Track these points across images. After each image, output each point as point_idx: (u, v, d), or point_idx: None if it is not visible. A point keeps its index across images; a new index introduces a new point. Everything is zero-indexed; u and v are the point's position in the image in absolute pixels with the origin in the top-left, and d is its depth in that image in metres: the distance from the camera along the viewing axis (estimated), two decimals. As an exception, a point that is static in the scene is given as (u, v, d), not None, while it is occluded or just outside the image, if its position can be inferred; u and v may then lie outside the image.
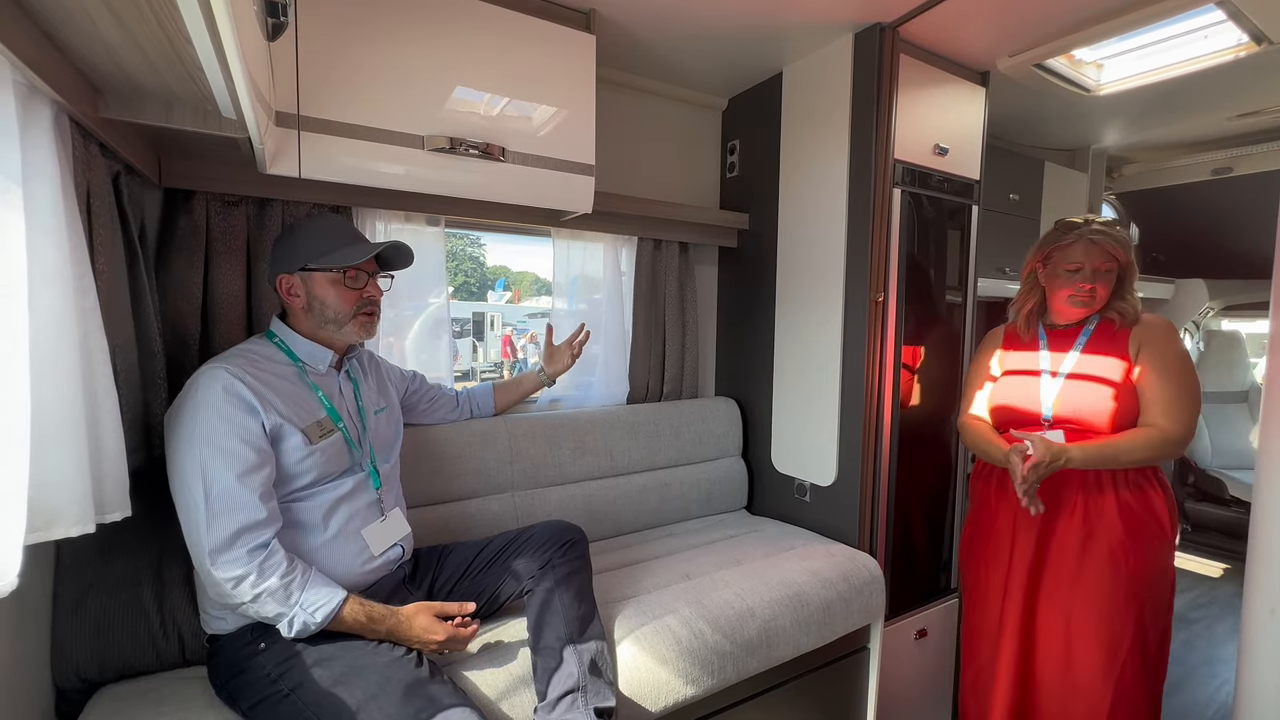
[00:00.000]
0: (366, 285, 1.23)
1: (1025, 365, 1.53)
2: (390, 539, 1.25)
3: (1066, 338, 1.49)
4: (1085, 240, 1.42)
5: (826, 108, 1.80)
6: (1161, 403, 1.35)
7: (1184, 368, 1.37)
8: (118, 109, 0.99)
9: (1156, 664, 1.41)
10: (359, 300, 1.21)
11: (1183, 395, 1.35)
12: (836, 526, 1.83)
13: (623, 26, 1.68)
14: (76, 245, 0.84)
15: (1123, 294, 1.44)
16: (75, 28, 0.75)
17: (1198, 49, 1.81)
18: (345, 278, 1.19)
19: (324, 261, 1.17)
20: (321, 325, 1.21)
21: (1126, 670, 1.37)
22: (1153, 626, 1.39)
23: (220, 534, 0.99)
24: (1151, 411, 1.36)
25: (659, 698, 1.29)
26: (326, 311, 1.19)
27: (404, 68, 1.35)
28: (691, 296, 2.17)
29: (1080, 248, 1.42)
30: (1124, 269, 1.43)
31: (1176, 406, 1.35)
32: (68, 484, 0.79)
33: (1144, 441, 1.34)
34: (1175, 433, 1.34)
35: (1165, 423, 1.34)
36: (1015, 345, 1.58)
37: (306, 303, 1.19)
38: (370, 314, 1.24)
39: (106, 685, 1.15)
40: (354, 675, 1.01)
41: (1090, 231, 1.42)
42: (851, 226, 1.75)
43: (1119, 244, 1.41)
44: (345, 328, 1.21)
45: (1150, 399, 1.37)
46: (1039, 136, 2.61)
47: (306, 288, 1.19)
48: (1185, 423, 1.34)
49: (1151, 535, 1.37)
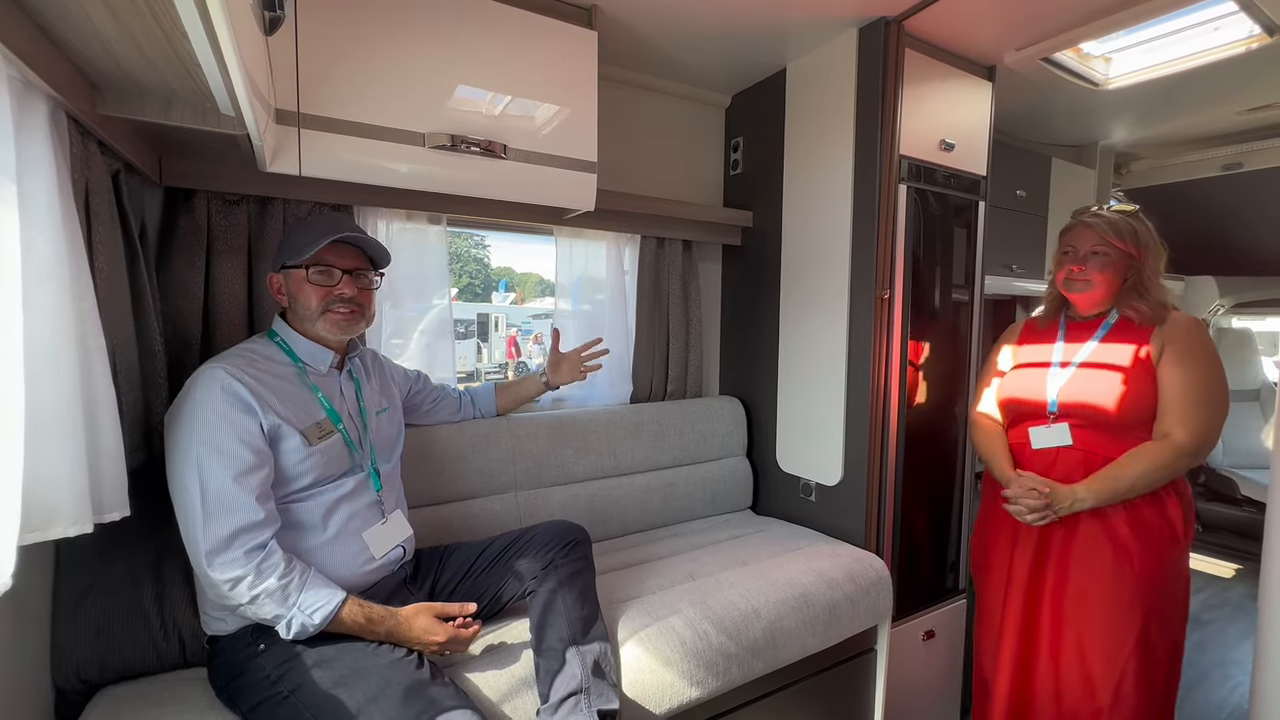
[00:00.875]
0: (340, 282, 1.18)
1: (1038, 357, 1.50)
2: (391, 541, 1.24)
3: (1085, 330, 1.44)
4: (1081, 224, 1.41)
5: (831, 103, 1.78)
6: (1178, 410, 1.28)
7: (1208, 370, 1.29)
8: (116, 106, 0.98)
9: (1167, 677, 1.35)
10: (327, 295, 1.17)
11: (1204, 401, 1.27)
12: (842, 526, 1.81)
13: (625, 23, 1.67)
14: (74, 243, 0.83)
15: (1140, 289, 1.37)
16: (70, 21, 0.74)
17: (1208, 41, 1.78)
18: (309, 274, 1.16)
19: (296, 259, 1.15)
20: (303, 323, 1.20)
21: (1126, 679, 1.31)
22: (1161, 637, 1.32)
23: (217, 535, 0.98)
24: (1167, 419, 1.29)
25: (663, 700, 1.27)
26: (298, 307, 1.18)
27: (404, 65, 1.34)
28: (695, 295, 2.15)
29: (1075, 230, 1.42)
30: (1135, 261, 1.37)
31: (1194, 414, 1.27)
32: (65, 483, 0.78)
33: (1152, 462, 1.27)
34: (1188, 443, 1.26)
35: (1179, 432, 1.27)
36: (1032, 338, 1.54)
37: (290, 301, 1.19)
38: (345, 312, 1.19)
39: (106, 686, 1.14)
40: (354, 677, 1.00)
41: (1087, 215, 1.40)
42: (857, 223, 1.73)
43: (1115, 230, 1.36)
44: (317, 324, 1.18)
45: (1167, 404, 1.29)
46: (1046, 132, 2.59)
47: (288, 285, 1.18)
48: (1201, 432, 1.26)
49: (1161, 539, 1.31)
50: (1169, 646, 1.34)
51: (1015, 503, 1.38)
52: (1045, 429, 1.42)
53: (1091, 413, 1.36)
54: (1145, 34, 1.85)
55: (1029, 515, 1.36)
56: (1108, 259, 1.37)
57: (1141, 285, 1.38)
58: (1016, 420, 1.48)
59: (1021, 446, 1.47)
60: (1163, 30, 1.82)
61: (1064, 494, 1.32)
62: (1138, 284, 1.38)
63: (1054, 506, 1.33)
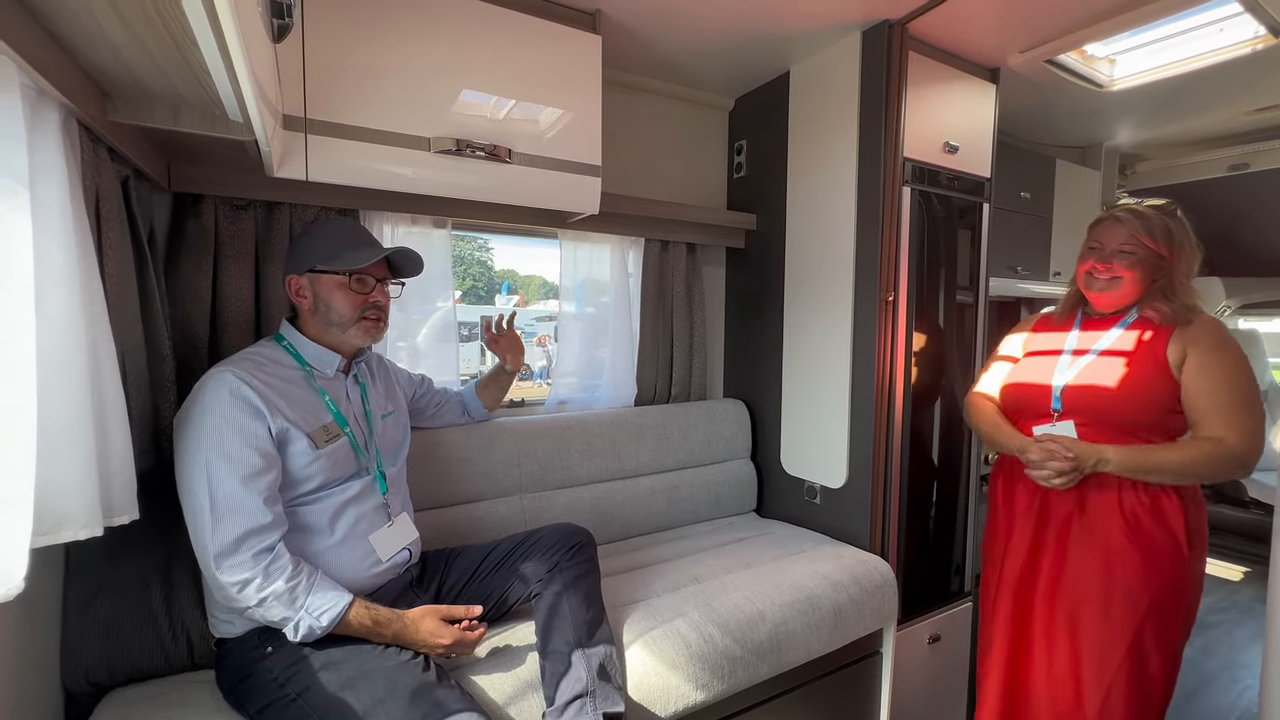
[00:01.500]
0: (373, 290, 1.22)
1: (1048, 345, 1.43)
2: (398, 544, 1.24)
3: (1100, 326, 1.36)
4: (1112, 218, 1.31)
5: (835, 106, 1.79)
6: (1220, 412, 1.18)
7: (1239, 373, 1.20)
8: (126, 112, 0.99)
9: (1163, 688, 1.27)
10: (363, 304, 1.21)
11: (1247, 406, 1.18)
12: (847, 529, 1.81)
13: (628, 27, 1.68)
14: (84, 248, 0.84)
15: (1166, 292, 1.28)
16: (81, 29, 0.75)
17: (1213, 42, 1.78)
18: (351, 281, 1.19)
19: (332, 264, 1.17)
20: (327, 328, 1.21)
21: (1115, 689, 1.24)
22: (1156, 651, 1.24)
23: (225, 538, 0.99)
24: (1210, 423, 1.19)
25: (668, 703, 1.27)
26: (331, 314, 1.19)
27: (410, 70, 1.35)
28: (699, 298, 2.16)
29: (1106, 225, 1.32)
30: (1165, 263, 1.28)
31: (1240, 416, 1.17)
32: (75, 487, 0.79)
33: (1203, 455, 1.17)
34: (1241, 446, 1.16)
35: (1229, 435, 1.16)
36: (1045, 330, 1.48)
37: (314, 304, 1.19)
38: (375, 319, 1.23)
39: (115, 689, 1.15)
40: (361, 679, 1.01)
41: (1120, 209, 1.30)
42: (861, 226, 1.73)
43: (1148, 228, 1.26)
44: (349, 331, 1.21)
45: (1206, 410, 1.19)
46: (1050, 134, 2.58)
47: (314, 289, 1.19)
48: (1252, 436, 1.16)
49: (1159, 548, 1.22)
50: (1167, 659, 1.26)
51: (1040, 467, 1.28)
52: (1049, 427, 1.34)
53: (1099, 410, 1.29)
54: (1150, 35, 1.85)
55: (1056, 480, 1.26)
56: (1135, 258, 1.28)
57: (1170, 288, 1.28)
58: (1019, 416, 1.42)
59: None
60: (1167, 31, 1.82)
61: (1089, 452, 1.23)
62: (1166, 286, 1.29)
63: (1079, 463, 1.24)
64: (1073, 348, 1.38)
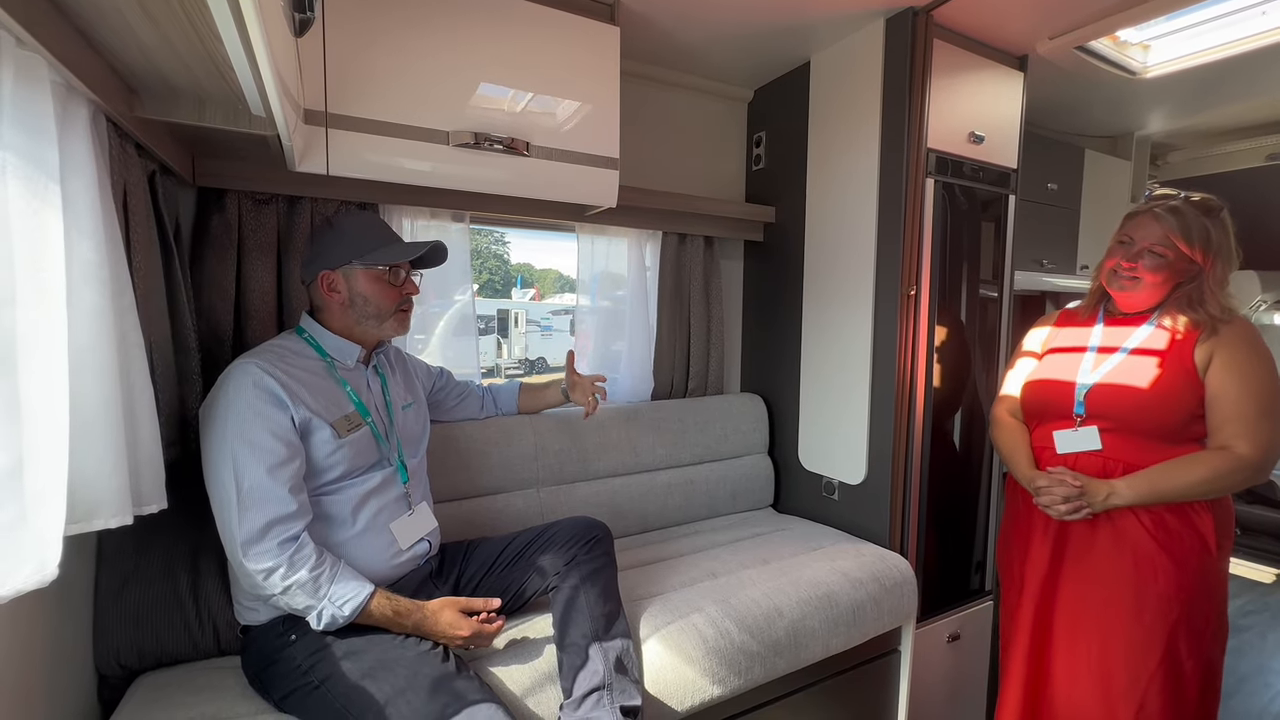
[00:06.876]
0: (404, 282, 1.25)
1: (1071, 342, 1.39)
2: (417, 533, 1.25)
3: (1124, 327, 1.31)
4: (1150, 213, 1.22)
5: (856, 96, 1.75)
6: (1237, 421, 1.15)
7: (1266, 379, 1.16)
8: (152, 108, 1.01)
9: (1200, 696, 1.23)
10: (400, 297, 1.24)
11: (1267, 413, 1.15)
12: (866, 526, 1.79)
13: (647, 18, 1.66)
14: (114, 243, 0.85)
15: (1193, 299, 1.22)
16: (110, 27, 0.76)
17: (1253, 26, 1.72)
18: (389, 274, 1.21)
19: (370, 259, 1.18)
20: (360, 321, 1.22)
21: (1150, 700, 1.20)
22: (1191, 657, 1.20)
23: (251, 526, 1.00)
24: (1225, 432, 1.16)
25: (685, 697, 1.27)
26: (368, 307, 1.20)
27: (429, 64, 1.35)
28: (717, 291, 2.14)
29: (1141, 219, 1.24)
30: (1196, 268, 1.21)
31: (1257, 426, 1.14)
32: (106, 477, 0.81)
33: (1209, 469, 1.15)
34: (1253, 457, 1.13)
35: (1242, 445, 1.14)
36: (1068, 325, 1.43)
37: (348, 298, 1.20)
38: (407, 310, 1.27)
39: (145, 672, 1.18)
40: (382, 669, 1.02)
41: (1162, 205, 1.22)
42: (882, 218, 1.70)
43: (1185, 231, 1.19)
44: (385, 323, 1.23)
45: (1224, 417, 1.16)
46: (1079, 123, 2.51)
47: (349, 284, 1.20)
48: (1266, 446, 1.14)
49: (1189, 551, 1.19)
50: (1203, 664, 1.22)
51: (1046, 493, 1.26)
52: (1071, 432, 1.30)
53: (1127, 415, 1.24)
54: (1186, 20, 1.78)
55: (1061, 506, 1.24)
56: (1163, 261, 1.21)
57: (1198, 295, 1.22)
58: (1041, 420, 1.38)
59: (1044, 450, 1.35)
60: (1205, 15, 1.75)
61: (1099, 487, 1.20)
62: (1193, 292, 1.22)
63: (1088, 499, 1.22)
64: (1097, 345, 1.33)
